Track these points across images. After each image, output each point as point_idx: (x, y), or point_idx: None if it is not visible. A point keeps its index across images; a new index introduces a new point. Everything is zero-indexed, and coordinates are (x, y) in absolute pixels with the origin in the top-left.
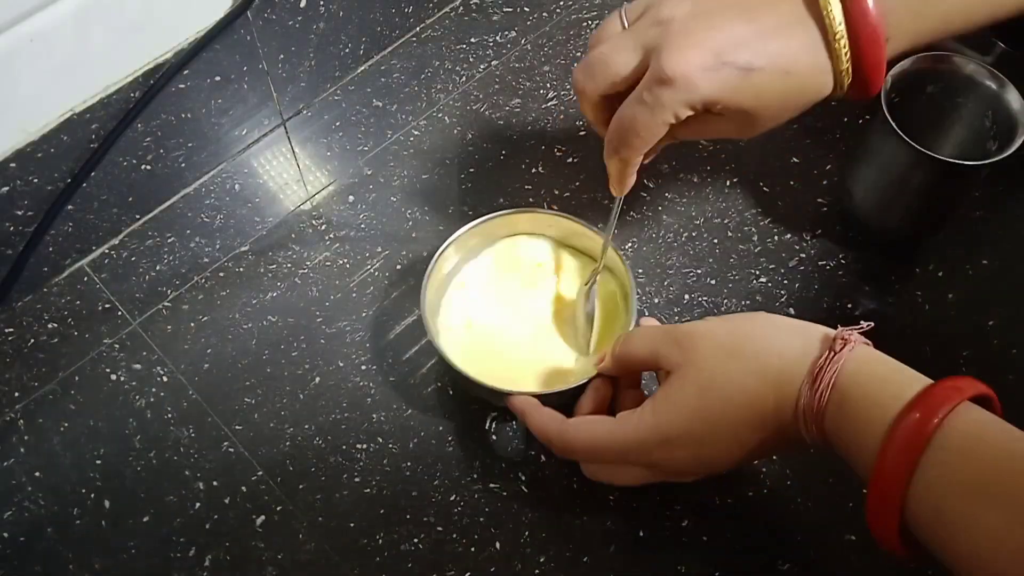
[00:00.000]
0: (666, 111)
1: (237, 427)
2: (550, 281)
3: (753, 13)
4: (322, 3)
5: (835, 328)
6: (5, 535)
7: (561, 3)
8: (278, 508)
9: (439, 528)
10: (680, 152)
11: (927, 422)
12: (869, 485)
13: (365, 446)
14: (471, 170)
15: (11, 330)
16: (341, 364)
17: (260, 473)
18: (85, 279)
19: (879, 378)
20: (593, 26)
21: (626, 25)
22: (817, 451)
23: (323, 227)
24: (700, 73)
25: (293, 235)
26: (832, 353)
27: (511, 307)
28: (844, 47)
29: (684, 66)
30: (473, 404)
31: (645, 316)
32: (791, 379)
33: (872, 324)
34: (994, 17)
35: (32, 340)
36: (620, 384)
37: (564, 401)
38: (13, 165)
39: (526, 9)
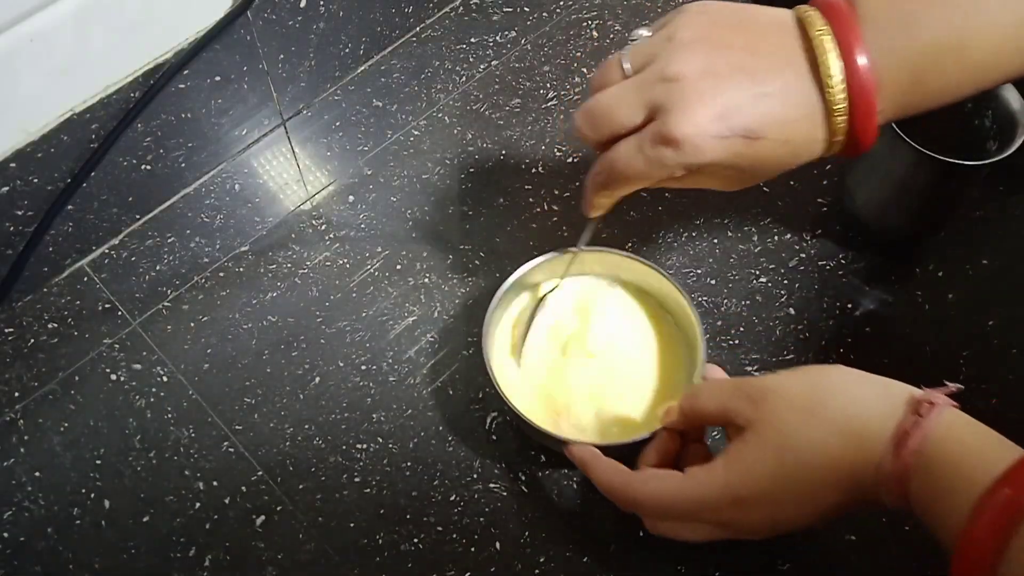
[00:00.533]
0: (664, 169)
1: (237, 427)
2: (615, 325)
3: (760, 77)
4: (322, 3)
5: (919, 387)
6: (5, 535)
7: (561, 3)
8: (278, 508)
9: (439, 528)
10: None
11: (1018, 500)
12: (953, 561)
13: (365, 446)
14: (471, 170)
15: (11, 330)
16: (341, 364)
17: (260, 473)
18: (85, 279)
19: (968, 447)
20: (593, 26)
21: (629, 72)
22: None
23: (323, 227)
24: (708, 139)
25: (293, 235)
26: (918, 417)
27: (572, 349)
28: (843, 119)
29: (693, 130)
30: (473, 404)
31: (710, 364)
32: (872, 443)
33: (962, 387)
34: (978, 89)
35: (32, 340)
36: (685, 437)
37: (626, 453)
38: (13, 165)
39: (526, 9)
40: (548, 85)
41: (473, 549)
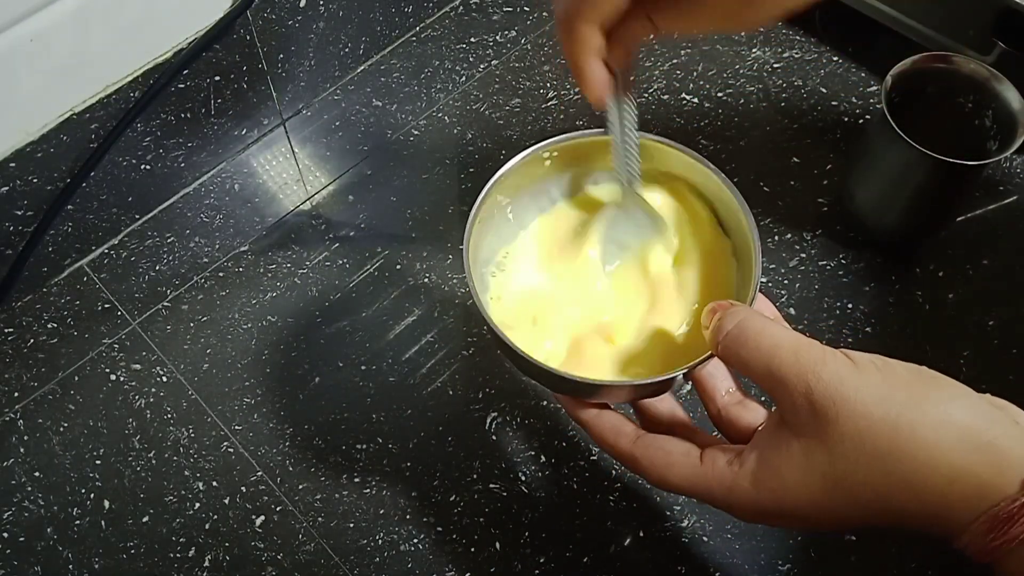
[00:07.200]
0: None
1: (237, 427)
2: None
3: None
4: (322, 3)
5: None
6: (5, 535)
7: None
8: (278, 508)
9: (439, 528)
10: None
11: None
12: None
13: (365, 446)
14: (471, 170)
15: (11, 330)
16: (341, 364)
17: (260, 473)
18: (85, 279)
19: None
20: None
21: None
22: None
23: (323, 227)
24: None
25: (293, 235)
26: None
27: (573, 269)
28: None
29: None
30: (473, 404)
31: (761, 297)
32: (957, 514)
33: None
34: None
35: (32, 340)
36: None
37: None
38: (13, 165)
39: (526, 9)
40: (548, 85)
41: (473, 549)
